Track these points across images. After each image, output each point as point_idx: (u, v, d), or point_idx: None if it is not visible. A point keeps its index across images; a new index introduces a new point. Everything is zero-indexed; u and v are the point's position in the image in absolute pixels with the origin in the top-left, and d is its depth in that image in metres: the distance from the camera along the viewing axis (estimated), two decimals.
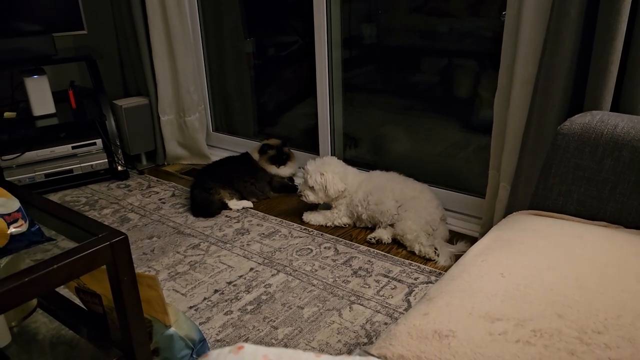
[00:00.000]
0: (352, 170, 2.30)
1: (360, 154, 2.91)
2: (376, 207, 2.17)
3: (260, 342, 1.48)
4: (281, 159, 2.61)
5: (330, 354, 1.12)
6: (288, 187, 2.70)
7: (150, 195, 2.69)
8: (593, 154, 1.15)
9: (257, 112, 3.37)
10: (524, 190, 1.66)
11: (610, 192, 1.13)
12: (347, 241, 2.18)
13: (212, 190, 2.47)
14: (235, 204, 2.54)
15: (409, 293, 1.77)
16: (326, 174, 2.21)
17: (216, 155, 3.01)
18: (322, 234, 2.25)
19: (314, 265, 2.00)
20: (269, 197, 2.62)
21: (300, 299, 1.76)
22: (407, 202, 2.12)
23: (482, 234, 2.00)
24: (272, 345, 1.46)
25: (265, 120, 3.30)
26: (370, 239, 2.14)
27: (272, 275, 1.95)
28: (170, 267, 2.02)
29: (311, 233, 2.27)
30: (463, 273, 1.03)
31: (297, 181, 2.66)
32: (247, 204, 2.56)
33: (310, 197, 2.26)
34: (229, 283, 1.90)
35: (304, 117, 3.10)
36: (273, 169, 2.61)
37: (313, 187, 2.23)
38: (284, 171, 2.69)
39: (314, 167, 2.24)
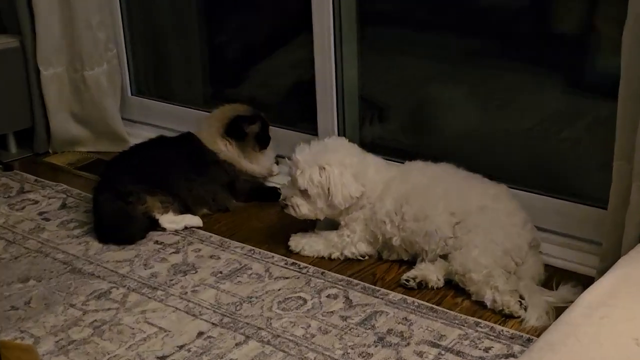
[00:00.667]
0: (374, 162, 2.30)
1: (389, 132, 2.88)
2: (417, 226, 2.18)
3: None
4: (268, 137, 2.75)
5: None
6: (264, 191, 2.73)
7: (23, 207, 2.68)
8: None
9: (209, 63, 3.36)
10: None
11: None
12: (366, 284, 2.17)
13: (133, 198, 2.48)
14: (171, 220, 2.55)
15: None
16: (329, 169, 2.18)
17: (138, 137, 2.99)
18: (322, 273, 2.26)
19: (310, 326, 2.00)
20: (231, 209, 2.65)
21: None
22: (471, 217, 2.13)
23: (602, 272, 1.82)
24: None
25: (224, 76, 3.29)
26: (407, 281, 2.14)
27: (236, 344, 1.94)
28: (59, 330, 2.00)
29: (304, 271, 2.27)
30: (570, 339, 1.07)
31: (280, 182, 2.68)
32: (193, 220, 2.57)
33: (302, 209, 2.25)
34: (162, 359, 1.87)
35: (290, 69, 3.07)
36: (247, 160, 2.72)
37: (306, 190, 2.19)
38: (261, 163, 2.80)
39: (307, 157, 2.21)
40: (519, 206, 2.19)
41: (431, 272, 2.13)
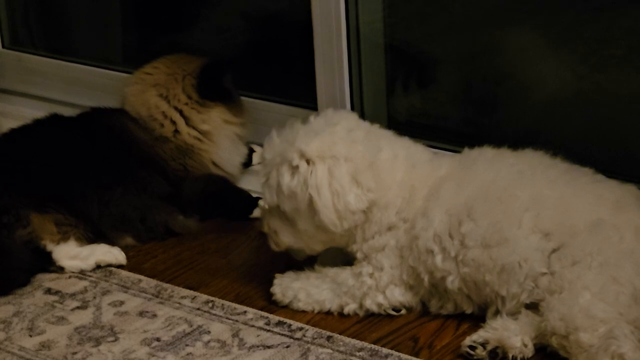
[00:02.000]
0: (406, 152, 2.38)
1: (436, 104, 2.93)
2: (487, 256, 2.22)
3: None
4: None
5: None
6: (231, 199, 2.86)
7: None
8: None
9: None
10: None
11: None
12: (403, 356, 2.20)
13: (7, 219, 2.57)
14: (74, 254, 2.63)
15: None
16: (307, 165, 2.24)
17: (15, 117, 3.16)
18: (329, 338, 2.29)
19: None
20: (177, 232, 2.74)
21: None
22: (577, 241, 2.17)
23: None
24: None
25: (156, 16, 3.38)
26: (473, 348, 2.17)
27: None
28: None
29: (298, 334, 2.30)
30: None
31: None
32: (110, 254, 2.65)
33: (283, 237, 2.36)
34: None
35: (267, 2, 3.15)
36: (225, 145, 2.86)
37: (281, 203, 2.30)
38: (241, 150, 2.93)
39: (277, 150, 2.33)
40: None
41: (512, 334, 2.15)
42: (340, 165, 2.25)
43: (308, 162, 2.25)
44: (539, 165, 2.33)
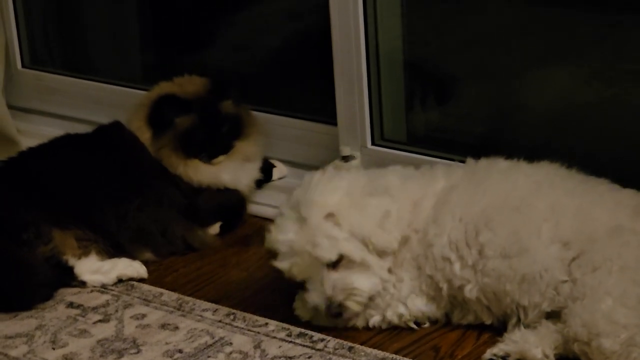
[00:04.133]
0: (381, 176, 2.44)
1: (455, 120, 2.94)
2: (507, 266, 2.22)
3: None
4: (217, 136, 2.73)
5: None
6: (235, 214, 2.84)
7: None
8: None
9: (151, 14, 3.49)
10: None
11: None
12: None
13: (29, 235, 2.57)
14: (95, 269, 2.63)
15: None
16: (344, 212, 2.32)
17: (35, 135, 3.15)
18: (350, 348, 2.29)
19: None
20: (197, 248, 2.73)
21: None
22: (597, 247, 2.17)
23: None
24: None
25: (176, 35, 3.41)
26: None
27: None
28: None
29: (319, 345, 2.31)
30: None
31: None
32: (131, 268, 2.65)
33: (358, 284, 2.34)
34: None
35: (286, 21, 3.18)
36: (196, 169, 2.76)
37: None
38: (232, 171, 2.84)
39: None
40: None
41: (532, 346, 2.15)
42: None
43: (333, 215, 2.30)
44: (555, 176, 2.35)
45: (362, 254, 2.28)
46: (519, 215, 2.26)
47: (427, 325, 2.36)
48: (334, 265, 2.29)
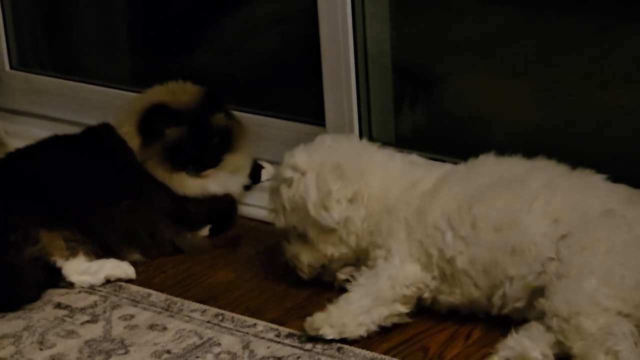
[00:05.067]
0: (387, 155, 2.53)
1: (442, 121, 2.95)
2: (498, 238, 2.25)
3: None
4: (206, 150, 2.73)
5: None
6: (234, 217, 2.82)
7: None
8: None
9: (140, 16, 3.50)
10: None
11: None
12: None
13: (16, 236, 2.57)
14: (83, 270, 2.62)
15: None
16: (306, 172, 2.42)
17: (23, 137, 3.14)
18: (339, 349, 2.28)
19: None
20: (185, 251, 2.75)
21: None
22: (586, 228, 2.20)
23: None
24: None
25: (165, 38, 3.42)
26: None
27: None
28: None
29: (308, 346, 2.32)
30: None
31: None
32: (119, 269, 2.65)
33: (303, 257, 2.48)
34: None
35: (274, 26, 3.18)
36: (183, 181, 2.76)
37: (289, 221, 2.46)
38: (220, 182, 2.83)
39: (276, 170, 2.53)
40: None
41: (530, 348, 2.14)
42: (326, 167, 2.39)
43: (301, 174, 2.41)
44: (549, 164, 2.39)
45: (304, 225, 2.41)
46: (512, 190, 2.30)
47: (427, 294, 2.35)
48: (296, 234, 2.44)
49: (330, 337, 2.29)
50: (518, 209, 2.26)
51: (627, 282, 2.10)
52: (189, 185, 2.77)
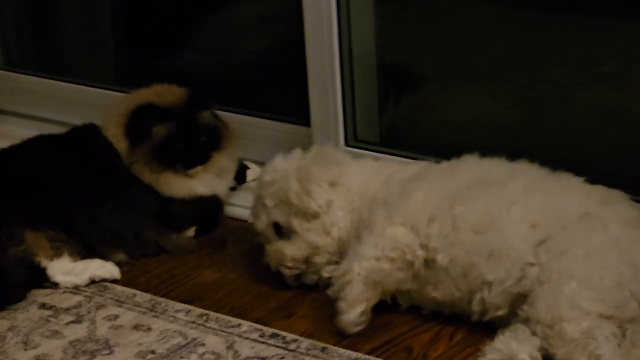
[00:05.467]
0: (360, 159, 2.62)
1: (427, 120, 2.97)
2: (477, 241, 2.26)
3: None
4: (194, 147, 2.72)
5: None
6: (220, 217, 2.83)
7: None
8: None
9: (123, 15, 3.50)
10: None
11: None
12: None
13: (2, 235, 2.57)
14: (68, 270, 2.62)
15: None
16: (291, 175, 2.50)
17: (8, 136, 3.14)
18: (323, 349, 2.29)
19: None
20: (170, 251, 2.76)
21: None
22: (565, 232, 2.21)
23: None
24: None
25: (149, 37, 3.42)
26: None
27: None
28: None
29: (292, 346, 2.32)
30: None
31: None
32: (103, 269, 2.64)
33: (287, 252, 2.46)
34: None
35: (260, 25, 3.18)
36: (170, 182, 2.74)
37: (273, 216, 2.49)
38: (207, 183, 2.83)
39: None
40: None
41: (518, 352, 2.12)
42: (306, 161, 2.48)
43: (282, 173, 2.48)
44: (530, 167, 2.40)
45: (286, 218, 2.44)
46: (492, 193, 2.30)
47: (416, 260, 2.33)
48: (278, 233, 2.47)
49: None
50: (497, 212, 2.27)
51: (606, 284, 2.11)
52: (177, 186, 2.76)
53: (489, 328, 2.24)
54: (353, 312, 2.29)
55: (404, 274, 2.33)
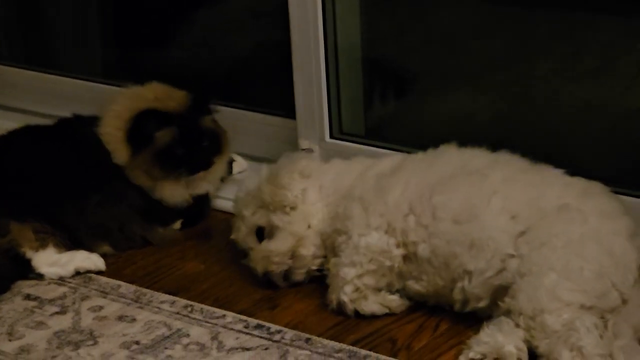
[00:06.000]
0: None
1: (414, 114, 2.99)
2: (458, 231, 2.26)
3: None
4: (198, 151, 2.73)
5: None
6: (207, 210, 2.84)
7: None
8: None
9: (112, 8, 3.51)
10: None
11: None
12: (382, 357, 2.21)
13: None
14: (53, 261, 2.62)
15: None
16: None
17: None
18: (307, 340, 2.30)
19: None
20: (155, 243, 2.76)
21: None
22: (544, 224, 2.21)
23: None
24: None
25: (137, 31, 3.42)
26: None
27: None
28: None
29: (277, 337, 2.32)
30: None
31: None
32: (89, 261, 2.65)
33: (274, 247, 2.48)
34: None
35: (248, 20, 3.18)
36: (167, 189, 2.75)
37: (255, 219, 2.56)
38: (203, 186, 2.86)
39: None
40: (621, 208, 2.26)
41: (505, 341, 2.12)
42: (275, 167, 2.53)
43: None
44: (511, 158, 2.40)
45: (267, 219, 2.46)
46: (473, 183, 2.31)
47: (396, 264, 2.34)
48: (260, 237, 2.49)
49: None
50: (477, 202, 2.27)
51: (586, 274, 2.11)
52: (175, 193, 2.76)
53: (473, 319, 2.25)
54: (381, 309, 2.36)
55: (387, 278, 2.36)
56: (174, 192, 2.75)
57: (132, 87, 2.86)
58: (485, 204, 2.26)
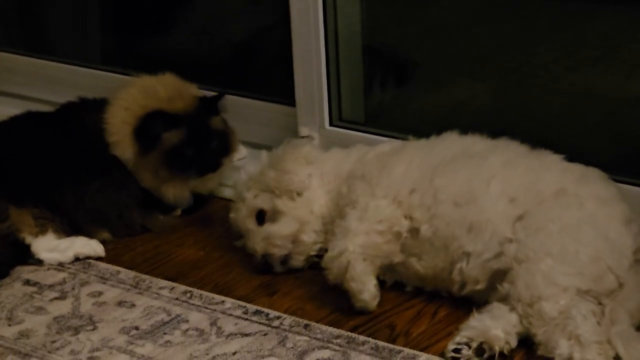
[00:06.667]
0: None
1: (415, 102, 2.99)
2: (458, 214, 2.28)
3: None
4: (207, 152, 2.74)
5: None
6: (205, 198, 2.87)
7: None
8: None
9: None
10: None
11: None
12: (380, 344, 2.22)
13: None
14: (52, 247, 2.64)
15: None
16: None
17: None
18: (306, 326, 2.30)
19: None
20: (154, 231, 2.78)
21: None
22: (541, 208, 2.23)
23: None
24: None
25: (137, 19, 3.43)
26: (458, 351, 2.14)
27: None
28: None
29: (275, 323, 2.33)
30: None
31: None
32: (88, 247, 2.66)
33: (278, 231, 2.49)
34: None
35: (248, 8, 3.21)
36: (172, 191, 2.75)
37: (261, 210, 2.55)
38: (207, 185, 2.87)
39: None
40: (618, 194, 2.28)
41: (492, 328, 2.14)
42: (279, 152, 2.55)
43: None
44: (511, 143, 2.42)
45: (271, 203, 2.47)
46: (473, 166, 2.33)
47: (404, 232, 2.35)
48: (260, 220, 2.49)
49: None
50: (477, 185, 2.29)
51: (582, 257, 2.13)
52: (180, 195, 2.76)
53: (472, 306, 2.25)
54: (368, 287, 2.30)
55: (393, 246, 2.35)
56: (178, 193, 2.75)
57: (143, 77, 2.85)
58: (484, 188, 2.27)
